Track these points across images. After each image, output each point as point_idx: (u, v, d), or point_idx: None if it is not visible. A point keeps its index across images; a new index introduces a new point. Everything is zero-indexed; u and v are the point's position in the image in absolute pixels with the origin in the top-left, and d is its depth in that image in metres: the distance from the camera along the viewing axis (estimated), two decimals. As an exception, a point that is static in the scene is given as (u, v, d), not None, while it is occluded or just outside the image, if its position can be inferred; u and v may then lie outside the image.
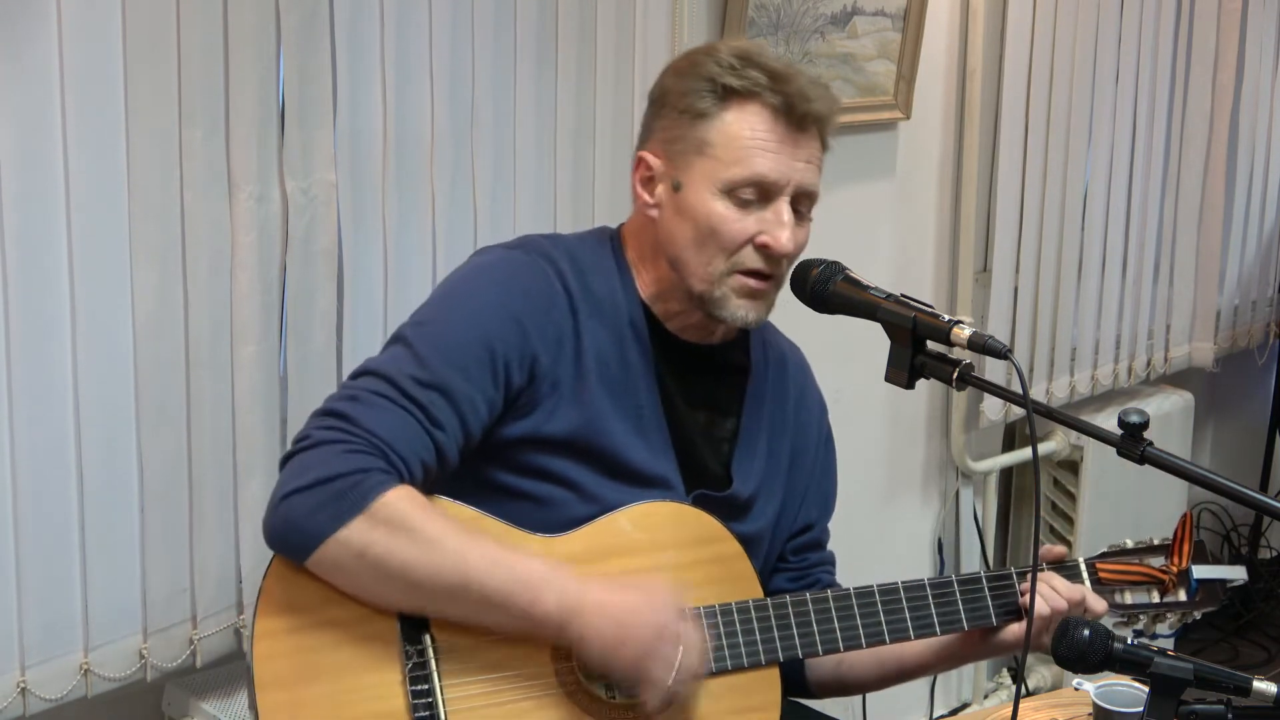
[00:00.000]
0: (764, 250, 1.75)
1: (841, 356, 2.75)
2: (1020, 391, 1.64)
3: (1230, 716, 1.44)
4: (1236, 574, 1.96)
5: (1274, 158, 4.21)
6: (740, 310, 1.77)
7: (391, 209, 2.26)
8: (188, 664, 2.13)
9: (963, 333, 1.61)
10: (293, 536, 1.59)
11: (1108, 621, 1.89)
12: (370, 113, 2.20)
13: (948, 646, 1.90)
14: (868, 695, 3.16)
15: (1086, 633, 1.47)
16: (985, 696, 3.68)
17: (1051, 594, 1.82)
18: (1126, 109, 3.63)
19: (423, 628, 1.64)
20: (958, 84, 3.27)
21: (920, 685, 3.49)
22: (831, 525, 2.05)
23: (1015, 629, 1.86)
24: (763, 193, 1.74)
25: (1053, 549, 1.89)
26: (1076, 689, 1.91)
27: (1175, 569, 1.91)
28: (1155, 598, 1.91)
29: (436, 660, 1.63)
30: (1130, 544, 1.95)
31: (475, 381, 1.69)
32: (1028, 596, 1.82)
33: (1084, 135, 3.51)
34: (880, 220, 3.20)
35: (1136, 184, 3.72)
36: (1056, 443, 3.61)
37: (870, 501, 3.31)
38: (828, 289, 1.74)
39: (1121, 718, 1.74)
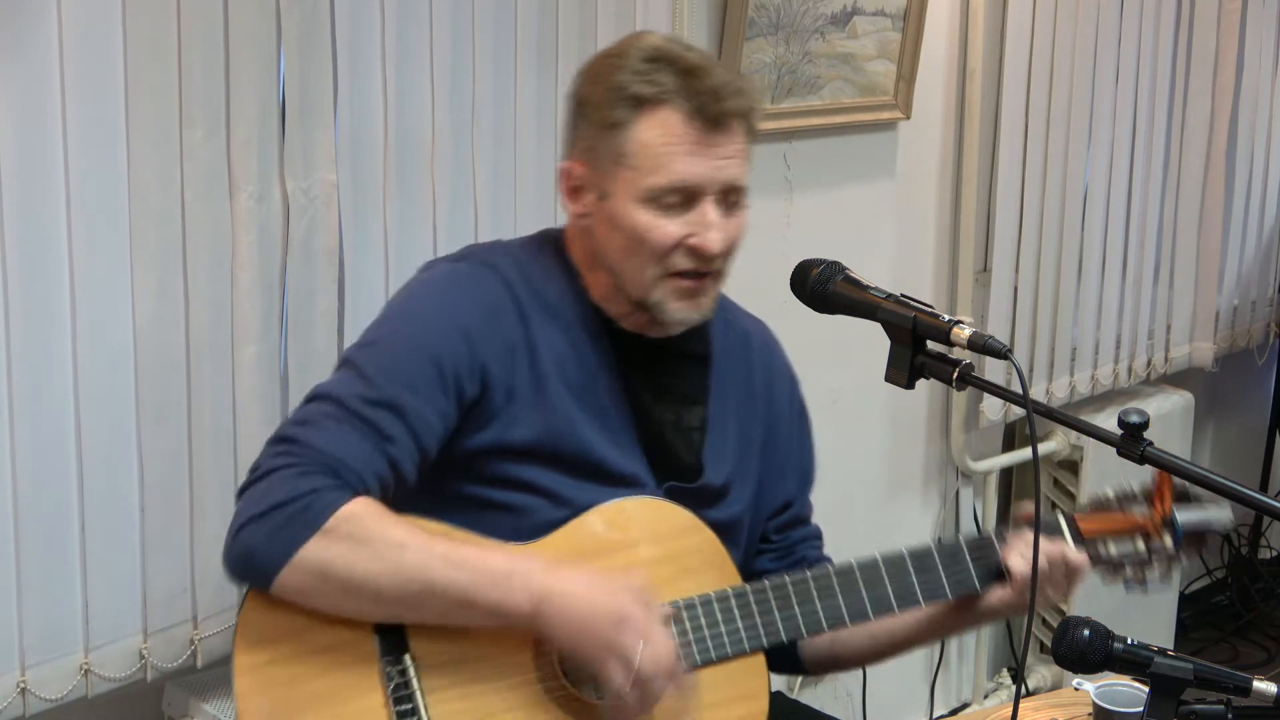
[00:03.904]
0: (694, 252, 1.74)
1: (841, 356, 2.75)
2: (1020, 391, 1.63)
3: (1230, 716, 1.44)
4: (1222, 515, 1.88)
5: (1274, 158, 4.21)
6: (680, 312, 1.77)
7: (392, 209, 2.26)
8: (188, 664, 2.13)
9: (963, 333, 1.60)
10: (254, 565, 1.60)
11: (1095, 575, 1.86)
12: (370, 113, 2.20)
13: (937, 618, 1.88)
14: (868, 695, 3.17)
15: (1086, 633, 1.47)
16: (985, 696, 3.68)
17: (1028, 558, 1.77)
18: (1126, 109, 3.63)
19: (402, 647, 1.64)
20: (958, 84, 3.27)
21: (920, 685, 3.50)
22: (831, 525, 2.05)
23: (1001, 593, 1.82)
24: (687, 196, 1.72)
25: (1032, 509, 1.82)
26: (1076, 689, 1.90)
27: (1159, 515, 1.86)
28: (1141, 547, 1.86)
29: (418, 678, 1.63)
30: (1112, 494, 1.90)
31: (425, 396, 1.68)
32: (1009, 556, 1.81)
33: (1084, 135, 3.51)
34: (880, 220, 3.19)
35: (1136, 184, 3.72)
36: (1056, 443, 3.61)
37: (870, 501, 3.31)
38: (828, 289, 1.73)
39: (1121, 718, 1.74)
